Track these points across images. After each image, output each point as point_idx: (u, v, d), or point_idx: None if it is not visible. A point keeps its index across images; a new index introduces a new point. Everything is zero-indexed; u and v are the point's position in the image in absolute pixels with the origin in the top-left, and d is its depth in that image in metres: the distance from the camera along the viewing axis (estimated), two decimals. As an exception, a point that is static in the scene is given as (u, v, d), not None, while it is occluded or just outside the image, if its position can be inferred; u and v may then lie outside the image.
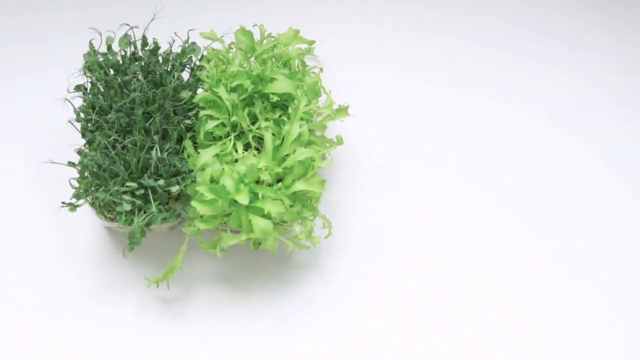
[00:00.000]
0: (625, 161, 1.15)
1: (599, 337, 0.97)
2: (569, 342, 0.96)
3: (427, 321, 1.01)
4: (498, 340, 0.97)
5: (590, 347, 0.96)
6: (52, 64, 1.23)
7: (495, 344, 0.97)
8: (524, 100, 1.23)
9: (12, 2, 1.33)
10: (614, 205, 1.10)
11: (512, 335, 0.98)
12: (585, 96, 1.23)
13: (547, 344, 0.96)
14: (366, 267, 1.05)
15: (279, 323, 1.00)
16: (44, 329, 0.99)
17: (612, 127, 1.19)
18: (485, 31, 1.32)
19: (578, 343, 0.96)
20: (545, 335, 0.97)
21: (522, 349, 0.95)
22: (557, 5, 1.37)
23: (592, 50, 1.30)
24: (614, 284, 1.03)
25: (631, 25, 1.34)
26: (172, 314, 1.00)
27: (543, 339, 0.96)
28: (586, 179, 1.12)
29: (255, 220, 0.92)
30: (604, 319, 0.99)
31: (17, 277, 1.03)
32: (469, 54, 1.30)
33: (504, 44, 1.30)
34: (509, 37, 1.31)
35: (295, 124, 0.97)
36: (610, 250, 1.05)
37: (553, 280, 1.02)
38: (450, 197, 1.12)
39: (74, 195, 0.95)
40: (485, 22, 1.34)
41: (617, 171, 1.13)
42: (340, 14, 1.33)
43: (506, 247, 1.06)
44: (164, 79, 1.03)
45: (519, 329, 0.98)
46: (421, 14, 1.34)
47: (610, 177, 1.13)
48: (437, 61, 1.29)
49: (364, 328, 1.00)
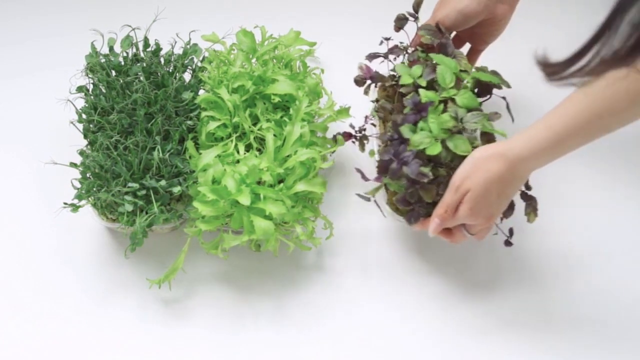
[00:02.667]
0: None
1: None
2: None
3: (427, 321, 1.01)
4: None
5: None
6: (54, 65, 1.23)
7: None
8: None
9: (13, 4, 1.33)
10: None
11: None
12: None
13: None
14: (367, 267, 1.05)
15: (280, 324, 1.00)
16: (45, 330, 0.99)
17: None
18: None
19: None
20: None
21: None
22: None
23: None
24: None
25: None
26: (174, 314, 1.00)
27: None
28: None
29: (256, 221, 0.92)
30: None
31: (18, 278, 1.03)
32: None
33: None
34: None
35: (297, 124, 0.97)
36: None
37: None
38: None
39: (76, 196, 0.96)
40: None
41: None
42: (342, 15, 1.33)
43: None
44: (166, 80, 1.03)
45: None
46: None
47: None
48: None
49: (365, 328, 1.00)
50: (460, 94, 0.95)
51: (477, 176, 0.89)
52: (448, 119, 0.92)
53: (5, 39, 1.29)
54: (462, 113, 0.93)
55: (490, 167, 0.88)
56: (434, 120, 0.92)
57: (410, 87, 0.99)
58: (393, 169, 0.92)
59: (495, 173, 0.88)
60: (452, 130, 0.92)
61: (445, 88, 0.96)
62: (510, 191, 0.91)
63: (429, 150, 0.90)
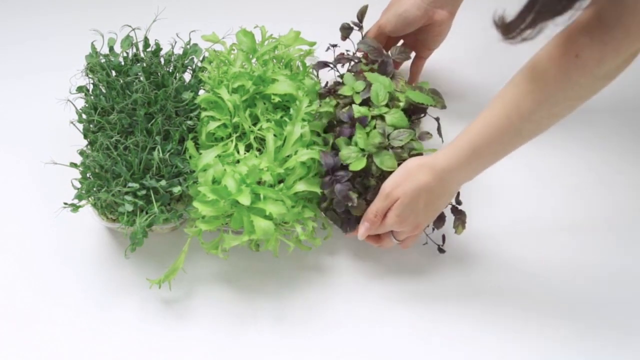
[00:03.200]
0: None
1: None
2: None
3: (426, 320, 1.01)
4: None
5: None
6: (54, 65, 1.23)
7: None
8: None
9: (13, 4, 1.34)
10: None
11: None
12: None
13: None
14: (367, 267, 1.05)
15: (280, 324, 1.00)
16: (45, 330, 0.99)
17: None
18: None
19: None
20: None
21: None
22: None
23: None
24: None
25: None
26: (174, 314, 1.00)
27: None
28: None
29: (256, 221, 0.92)
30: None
31: (18, 278, 1.03)
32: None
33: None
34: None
35: (297, 124, 0.97)
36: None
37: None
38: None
39: (76, 196, 0.96)
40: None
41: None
42: (341, 15, 1.33)
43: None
44: (166, 80, 1.03)
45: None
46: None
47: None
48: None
49: (365, 328, 1.00)
50: (390, 113, 0.98)
51: (406, 185, 0.91)
52: (376, 135, 0.95)
53: (4, 39, 1.30)
54: (389, 130, 0.97)
55: (420, 177, 0.90)
56: (361, 136, 0.96)
57: (348, 98, 1.02)
58: (325, 182, 0.96)
59: (423, 183, 0.90)
60: (379, 146, 0.95)
61: (377, 105, 0.99)
62: (438, 202, 0.94)
63: (352, 166, 0.94)
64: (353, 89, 1.02)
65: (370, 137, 0.96)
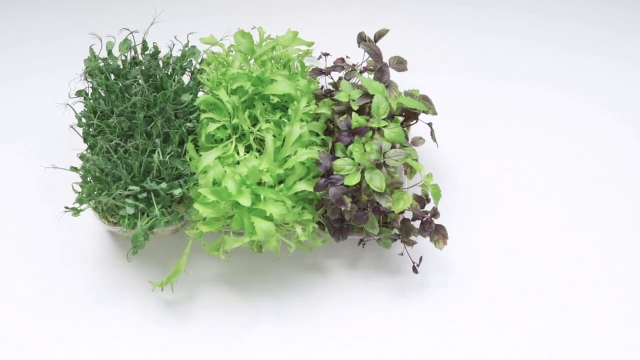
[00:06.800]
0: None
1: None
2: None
3: (425, 319, 1.01)
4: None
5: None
6: (53, 69, 1.23)
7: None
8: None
9: (12, 8, 1.34)
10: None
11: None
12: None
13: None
14: (366, 268, 1.05)
15: (282, 324, 1.00)
16: (48, 333, 0.99)
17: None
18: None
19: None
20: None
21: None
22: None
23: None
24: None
25: None
26: (177, 316, 1.00)
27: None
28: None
29: (257, 222, 0.92)
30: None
31: (21, 282, 1.03)
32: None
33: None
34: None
35: (296, 125, 0.97)
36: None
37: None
38: (457, 197, 1.12)
39: (77, 200, 0.96)
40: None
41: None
42: (340, 15, 1.33)
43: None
44: (165, 82, 1.03)
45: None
46: (420, 14, 1.34)
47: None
48: (441, 61, 1.29)
49: (366, 328, 1.00)
50: (390, 127, 0.98)
51: None
52: (372, 151, 0.95)
53: (5, 43, 1.29)
54: (386, 147, 0.96)
55: None
56: (358, 150, 0.95)
57: (344, 105, 1.02)
58: (320, 184, 0.95)
59: None
60: (374, 163, 0.94)
61: (377, 118, 0.98)
62: None
63: (347, 181, 0.93)
64: (349, 97, 1.01)
65: (367, 152, 0.95)
